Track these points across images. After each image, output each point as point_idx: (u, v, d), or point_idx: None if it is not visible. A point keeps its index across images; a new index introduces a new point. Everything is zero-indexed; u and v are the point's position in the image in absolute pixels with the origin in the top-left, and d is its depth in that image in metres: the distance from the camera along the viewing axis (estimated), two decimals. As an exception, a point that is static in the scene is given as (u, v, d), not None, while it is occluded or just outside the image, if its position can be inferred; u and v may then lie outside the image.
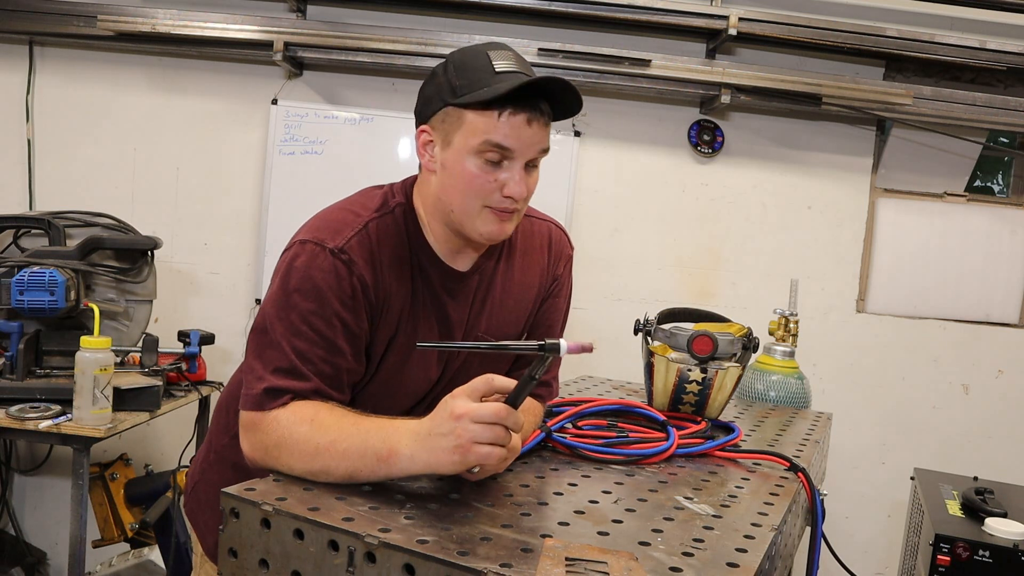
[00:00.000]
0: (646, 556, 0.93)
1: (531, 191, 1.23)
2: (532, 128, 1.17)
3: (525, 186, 1.19)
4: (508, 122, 1.15)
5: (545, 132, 1.19)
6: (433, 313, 1.28)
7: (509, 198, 1.19)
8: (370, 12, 3.08)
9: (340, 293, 1.17)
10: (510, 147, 1.16)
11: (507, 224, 1.23)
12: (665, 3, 2.87)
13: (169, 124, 3.14)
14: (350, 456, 1.05)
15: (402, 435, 1.04)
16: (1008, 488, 2.27)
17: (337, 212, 1.24)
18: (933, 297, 3.21)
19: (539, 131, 1.18)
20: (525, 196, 1.21)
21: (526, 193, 1.21)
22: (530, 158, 1.19)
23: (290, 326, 1.15)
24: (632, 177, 3.18)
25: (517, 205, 1.21)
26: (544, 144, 1.20)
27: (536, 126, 1.17)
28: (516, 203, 1.20)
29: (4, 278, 2.27)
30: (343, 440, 1.06)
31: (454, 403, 1.00)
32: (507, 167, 1.18)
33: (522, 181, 1.19)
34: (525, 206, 1.26)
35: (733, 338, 1.60)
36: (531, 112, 1.16)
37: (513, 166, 1.18)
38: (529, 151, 1.18)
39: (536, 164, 1.23)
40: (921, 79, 3.09)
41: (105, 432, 2.14)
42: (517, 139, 1.16)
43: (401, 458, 1.03)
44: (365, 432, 1.06)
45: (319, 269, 1.16)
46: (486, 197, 1.19)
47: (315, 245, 1.18)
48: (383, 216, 1.24)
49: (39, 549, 3.20)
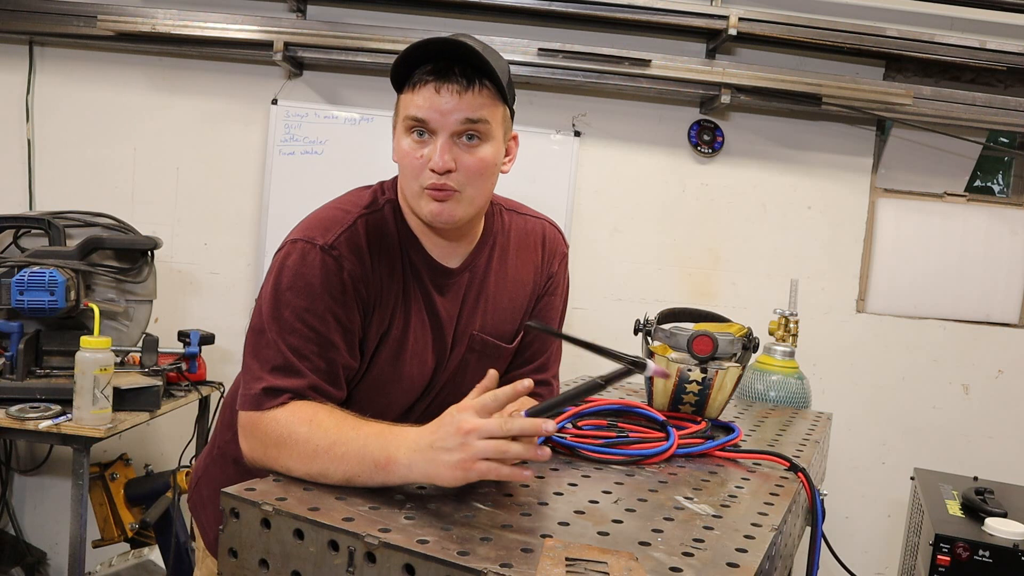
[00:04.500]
0: (646, 556, 0.93)
1: (473, 169, 1.19)
2: (443, 95, 1.14)
3: (447, 158, 1.16)
4: (419, 93, 1.16)
5: (464, 100, 1.15)
6: (424, 309, 1.28)
7: (434, 172, 1.16)
8: (370, 12, 3.08)
9: (331, 289, 1.17)
10: (423, 117, 1.16)
11: (447, 206, 1.19)
12: (665, 3, 2.87)
13: (169, 124, 3.14)
14: (348, 460, 1.05)
15: (401, 443, 1.03)
16: (1008, 488, 2.27)
17: (327, 211, 1.25)
18: (933, 297, 3.20)
19: (452, 99, 1.15)
20: (454, 171, 1.17)
21: (452, 167, 1.17)
22: (454, 129, 1.16)
23: (284, 324, 1.16)
24: (632, 177, 3.18)
25: (447, 181, 1.17)
26: (467, 113, 1.15)
27: (448, 93, 1.14)
28: (442, 179, 1.17)
29: (4, 278, 2.27)
30: (342, 444, 1.06)
31: (461, 418, 0.98)
32: (429, 142, 1.17)
33: (444, 153, 1.16)
34: (473, 186, 1.20)
35: (733, 338, 1.60)
36: (438, 79, 1.14)
37: (435, 140, 1.17)
38: (448, 121, 1.16)
39: (476, 138, 1.18)
40: (921, 79, 3.09)
41: (105, 432, 2.14)
42: (429, 108, 1.15)
43: (399, 466, 1.02)
44: (364, 437, 1.06)
45: (309, 266, 1.17)
46: (418, 175, 1.19)
47: (305, 243, 1.19)
48: (372, 213, 1.25)
49: (39, 549, 3.20)
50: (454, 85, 1.15)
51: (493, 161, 1.22)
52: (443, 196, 1.19)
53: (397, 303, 1.26)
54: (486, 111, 1.18)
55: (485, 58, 1.14)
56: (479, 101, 1.17)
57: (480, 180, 1.21)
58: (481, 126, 1.18)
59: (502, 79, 1.18)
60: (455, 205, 1.20)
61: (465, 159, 1.18)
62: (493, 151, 1.21)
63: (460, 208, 1.21)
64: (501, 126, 1.22)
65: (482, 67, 1.15)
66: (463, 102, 1.15)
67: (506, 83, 1.21)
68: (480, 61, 1.14)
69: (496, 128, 1.21)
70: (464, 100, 1.15)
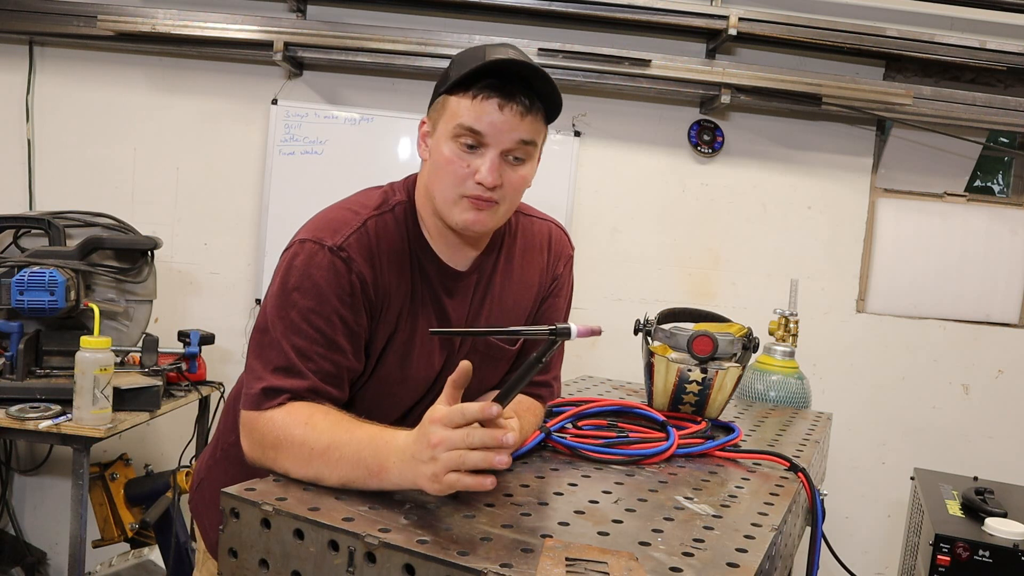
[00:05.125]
0: (646, 556, 0.93)
1: (514, 186, 1.21)
2: (505, 114, 1.15)
3: (497, 174, 1.17)
4: (480, 105, 1.15)
5: (524, 122, 1.17)
6: (432, 311, 1.28)
7: (480, 185, 1.17)
8: (370, 12, 3.08)
9: (339, 291, 1.17)
10: (480, 131, 1.16)
11: (484, 215, 1.20)
12: (665, 3, 2.87)
13: (169, 124, 3.14)
14: (342, 465, 1.05)
15: (391, 452, 1.02)
16: (1008, 488, 2.27)
17: (336, 211, 1.25)
18: (933, 297, 3.20)
19: (513, 119, 1.16)
20: (500, 186, 1.19)
21: (499, 182, 1.18)
22: (506, 147, 1.17)
23: (290, 324, 1.16)
24: (632, 177, 3.18)
25: (492, 195, 1.19)
26: (523, 135, 1.17)
27: (510, 113, 1.15)
28: (488, 192, 1.18)
29: (4, 278, 2.27)
30: (336, 448, 1.05)
31: (431, 431, 0.97)
32: (481, 153, 1.18)
33: (495, 169, 1.17)
34: (509, 200, 1.23)
35: (733, 338, 1.60)
36: (503, 97, 1.15)
37: (487, 153, 1.17)
38: (503, 138, 1.17)
39: (522, 158, 1.20)
40: (921, 79, 3.09)
41: (105, 432, 2.14)
42: (489, 123, 1.15)
43: (391, 475, 1.02)
44: (358, 443, 1.05)
45: (318, 267, 1.17)
46: (461, 184, 1.19)
47: (314, 244, 1.18)
48: (382, 214, 1.25)
49: (39, 549, 3.20)
50: (517, 106, 1.16)
51: (530, 178, 1.25)
52: (484, 207, 1.20)
53: (405, 305, 1.25)
54: (538, 135, 1.21)
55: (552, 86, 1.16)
56: (534, 124, 1.19)
57: (516, 195, 1.24)
58: (531, 148, 1.20)
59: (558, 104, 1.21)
60: (490, 215, 1.22)
61: (510, 176, 1.20)
62: (531, 169, 1.24)
63: (495, 219, 1.23)
64: (542, 144, 1.26)
65: (543, 93, 1.18)
66: (523, 124, 1.17)
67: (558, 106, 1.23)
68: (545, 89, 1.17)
69: (539, 148, 1.24)
70: (524, 123, 1.17)
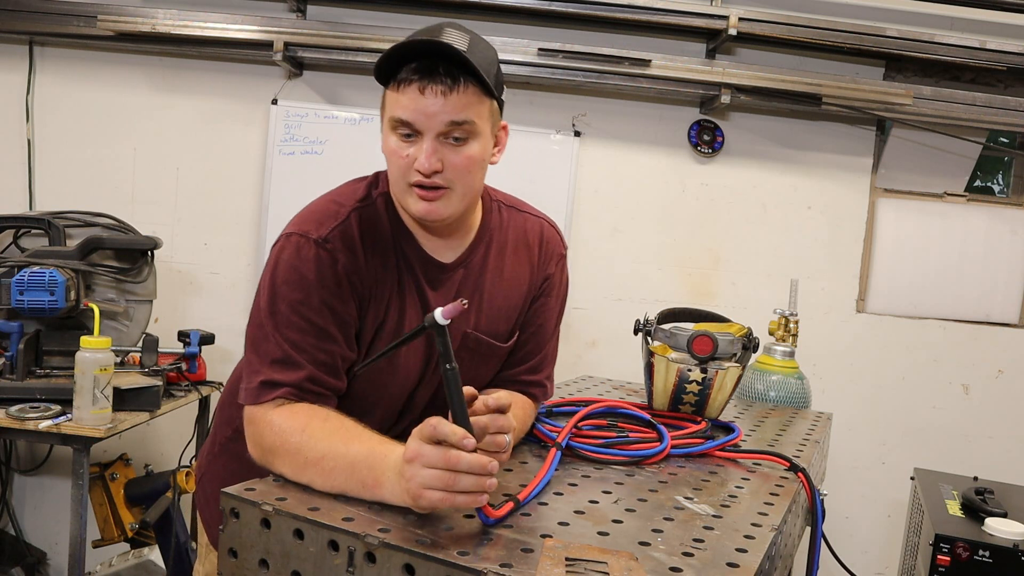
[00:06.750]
0: (646, 556, 0.93)
1: (461, 167, 1.18)
2: (428, 97, 1.13)
3: (433, 159, 1.15)
4: (403, 94, 1.14)
5: (449, 102, 1.13)
6: (418, 303, 1.28)
7: (419, 173, 1.16)
8: (370, 12, 3.08)
9: (326, 281, 1.18)
10: (408, 119, 1.15)
11: (436, 204, 1.19)
12: (665, 3, 2.87)
13: (169, 124, 3.14)
14: (336, 476, 1.04)
15: (387, 467, 1.01)
16: (1008, 488, 2.27)
17: (321, 204, 1.26)
18: (933, 297, 3.20)
19: (437, 100, 1.13)
20: (441, 171, 1.16)
21: (439, 167, 1.16)
22: (439, 130, 1.15)
23: (281, 317, 1.17)
24: (632, 177, 3.18)
25: (436, 180, 1.17)
26: (452, 115, 1.14)
27: (432, 95, 1.13)
28: (430, 179, 1.16)
29: (4, 278, 2.27)
30: (331, 459, 1.05)
31: (408, 444, 0.97)
32: (417, 141, 1.16)
33: (429, 155, 1.15)
34: (461, 184, 1.19)
35: (733, 338, 1.60)
36: (422, 81, 1.13)
37: (421, 140, 1.16)
38: (433, 123, 1.14)
39: (463, 138, 1.17)
40: (921, 79, 3.09)
41: (105, 432, 2.14)
42: (414, 110, 1.14)
43: (384, 491, 1.01)
44: (354, 456, 1.04)
45: (304, 259, 1.18)
46: (405, 174, 1.18)
47: (300, 237, 1.20)
48: (366, 207, 1.26)
49: (39, 549, 3.20)
50: (438, 86, 1.13)
51: (481, 157, 1.21)
52: (432, 196, 1.19)
53: (392, 295, 1.26)
54: (472, 111, 1.16)
55: (468, 59, 1.12)
56: (464, 101, 1.15)
57: (468, 176, 1.20)
58: (467, 126, 1.16)
59: (488, 75, 1.16)
60: (444, 203, 1.20)
61: (452, 158, 1.17)
62: (480, 147, 1.20)
63: (450, 206, 1.21)
64: (488, 121, 1.21)
65: (467, 66, 1.13)
66: (448, 104, 1.14)
67: (493, 76, 1.18)
68: (464, 61, 1.12)
69: (483, 124, 1.19)
70: (449, 101, 1.14)
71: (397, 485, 0.98)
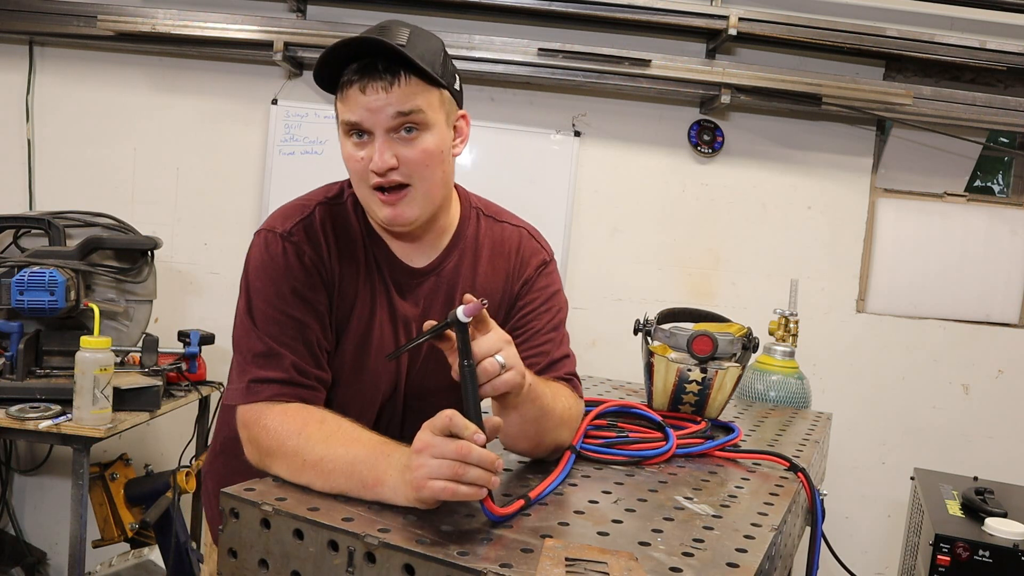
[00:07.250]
0: (646, 556, 0.93)
1: (418, 161, 1.16)
2: (369, 95, 1.12)
3: (386, 156, 1.14)
4: (347, 96, 1.15)
5: (393, 95, 1.12)
6: (385, 307, 1.28)
7: (375, 174, 1.15)
8: (370, 12, 3.07)
9: (295, 272, 1.21)
10: (356, 120, 1.15)
11: (400, 208, 1.18)
12: (665, 3, 2.87)
13: (169, 124, 3.14)
14: (335, 477, 1.04)
15: (390, 464, 1.01)
16: (1008, 488, 2.27)
17: (291, 203, 1.30)
18: (933, 297, 3.20)
19: (379, 95, 1.12)
20: (397, 167, 1.15)
21: (394, 163, 1.15)
22: (388, 126, 1.14)
23: (259, 313, 1.20)
24: (632, 177, 3.18)
25: (394, 178, 1.16)
26: (397, 107, 1.13)
27: (373, 92, 1.12)
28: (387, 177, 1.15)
29: (4, 278, 2.27)
30: (329, 460, 1.05)
31: (417, 436, 0.97)
32: (369, 142, 1.16)
33: (381, 152, 1.14)
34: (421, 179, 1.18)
35: (733, 338, 1.60)
36: (362, 79, 1.13)
37: (373, 139, 1.16)
38: (379, 119, 1.14)
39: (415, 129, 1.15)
40: (921, 79, 3.09)
41: (105, 432, 2.14)
42: (360, 111, 1.14)
43: (385, 488, 1.01)
44: (353, 456, 1.04)
45: (273, 254, 1.21)
46: (364, 178, 1.18)
47: (267, 232, 1.23)
48: (334, 204, 1.28)
49: (39, 549, 3.20)
50: (379, 82, 1.12)
51: (438, 148, 1.19)
52: (394, 199, 1.18)
53: (359, 295, 1.26)
54: (419, 100, 1.14)
55: (405, 52, 1.11)
56: (408, 91, 1.13)
57: (428, 171, 1.18)
58: (416, 116, 1.15)
59: (432, 65, 1.15)
60: (408, 205, 1.19)
61: (406, 152, 1.16)
62: (436, 138, 1.18)
63: (415, 207, 1.20)
64: (441, 110, 1.19)
65: (404, 58, 1.12)
66: (391, 96, 1.12)
67: (439, 65, 1.17)
68: (400, 54, 1.11)
69: (435, 114, 1.17)
70: (392, 94, 1.12)
71: (400, 479, 0.98)
